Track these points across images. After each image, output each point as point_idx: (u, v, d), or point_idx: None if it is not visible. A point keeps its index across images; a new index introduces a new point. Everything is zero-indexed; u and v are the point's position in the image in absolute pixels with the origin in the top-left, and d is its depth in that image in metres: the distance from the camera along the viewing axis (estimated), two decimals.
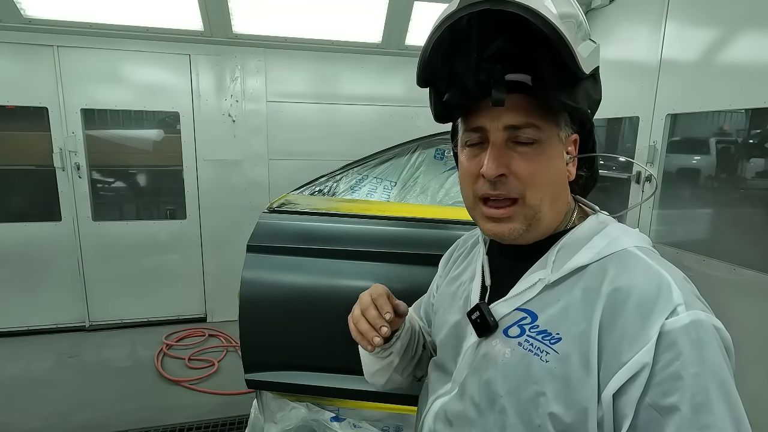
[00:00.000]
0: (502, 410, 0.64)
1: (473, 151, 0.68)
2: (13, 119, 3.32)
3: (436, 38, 0.62)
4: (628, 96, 3.12)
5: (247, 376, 1.47)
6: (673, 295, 0.56)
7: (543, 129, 0.64)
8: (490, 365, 0.68)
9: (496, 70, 0.59)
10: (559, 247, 0.67)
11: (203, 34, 3.29)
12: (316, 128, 3.70)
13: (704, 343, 0.53)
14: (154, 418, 2.45)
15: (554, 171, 0.66)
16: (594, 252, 0.64)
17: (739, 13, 2.37)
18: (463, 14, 0.58)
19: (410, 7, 3.25)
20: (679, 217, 2.91)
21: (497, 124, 0.64)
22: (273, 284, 1.48)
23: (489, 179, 0.64)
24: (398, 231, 1.55)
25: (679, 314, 0.55)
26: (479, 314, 0.70)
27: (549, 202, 0.66)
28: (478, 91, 0.61)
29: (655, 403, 0.53)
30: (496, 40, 0.59)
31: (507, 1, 0.55)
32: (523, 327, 0.66)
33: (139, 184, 3.73)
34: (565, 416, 0.58)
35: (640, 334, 0.54)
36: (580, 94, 0.64)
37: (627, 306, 0.57)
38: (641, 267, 0.60)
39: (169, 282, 3.65)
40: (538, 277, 0.67)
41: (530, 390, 0.61)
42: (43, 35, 3.11)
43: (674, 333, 0.54)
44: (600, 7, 3.38)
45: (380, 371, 0.88)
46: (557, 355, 0.60)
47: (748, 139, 2.65)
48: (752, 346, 2.32)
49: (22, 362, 3.01)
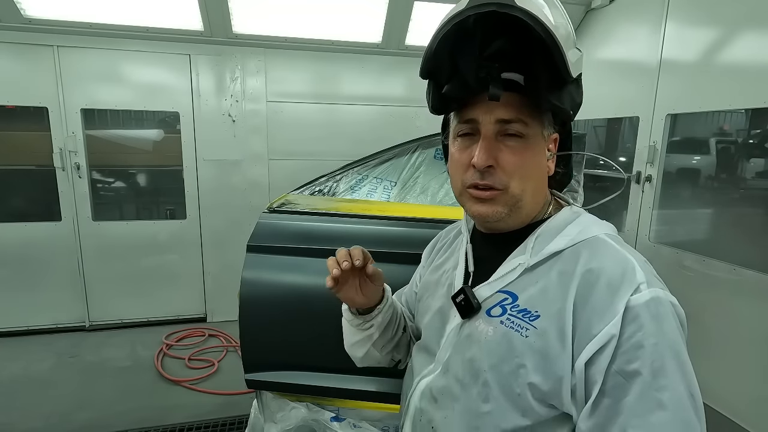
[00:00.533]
0: (485, 383, 0.71)
1: (464, 142, 0.74)
2: (13, 119, 3.32)
3: (443, 33, 0.67)
4: (628, 96, 3.12)
5: (247, 376, 1.47)
6: (637, 275, 0.64)
7: (530, 125, 0.71)
8: (473, 344, 0.74)
9: (494, 67, 0.65)
10: (537, 234, 0.74)
11: (203, 34, 3.29)
12: (316, 128, 3.70)
13: (662, 317, 0.61)
14: (154, 418, 2.45)
15: (536, 165, 0.73)
16: (568, 239, 0.72)
17: (739, 13, 2.37)
18: (471, 14, 0.63)
19: (410, 7, 3.26)
20: (679, 217, 2.91)
21: (489, 117, 0.70)
22: (273, 284, 1.48)
23: (479, 169, 0.71)
24: (398, 231, 1.55)
25: (641, 291, 0.62)
26: (464, 297, 0.76)
27: (530, 193, 0.73)
28: (477, 86, 0.67)
29: (621, 369, 0.60)
30: (497, 40, 0.65)
31: (512, 6, 0.62)
32: (504, 307, 0.73)
33: (139, 184, 3.73)
34: (542, 385, 0.65)
35: (609, 309, 0.62)
36: (566, 96, 0.70)
37: (598, 285, 0.64)
38: (610, 251, 0.68)
39: (169, 282, 3.65)
40: (519, 261, 0.74)
41: (512, 363, 0.68)
42: (43, 35, 3.11)
43: (637, 308, 0.61)
44: (600, 7, 3.38)
45: (360, 342, 0.93)
46: (536, 330, 0.67)
47: (748, 139, 2.65)
48: (752, 346, 2.32)
49: (22, 362, 3.01)
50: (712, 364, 2.52)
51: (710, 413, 2.50)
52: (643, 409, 0.59)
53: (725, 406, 2.46)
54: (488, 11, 0.62)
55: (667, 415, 0.58)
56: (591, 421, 0.62)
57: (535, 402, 0.66)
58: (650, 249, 2.91)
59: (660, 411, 0.58)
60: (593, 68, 3.54)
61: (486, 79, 0.66)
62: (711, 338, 2.53)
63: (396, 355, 1.00)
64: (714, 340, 2.51)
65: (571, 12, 3.58)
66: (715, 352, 2.52)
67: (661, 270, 0.70)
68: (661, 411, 0.58)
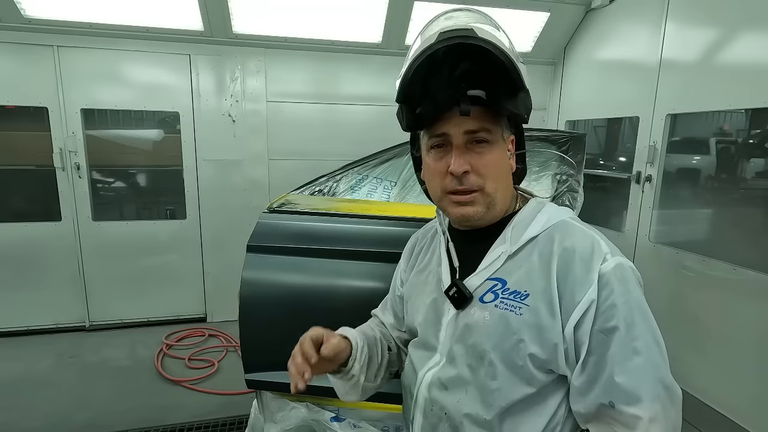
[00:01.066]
0: (490, 363, 0.80)
1: (439, 153, 0.84)
2: (13, 119, 3.32)
3: (417, 65, 0.77)
4: (628, 96, 3.12)
5: (247, 376, 1.47)
6: (602, 248, 0.77)
7: (492, 131, 0.82)
8: (473, 330, 0.83)
9: (461, 87, 0.77)
10: (513, 225, 0.86)
11: (203, 34, 3.29)
12: (316, 128, 3.70)
13: (627, 280, 0.74)
14: (154, 418, 2.45)
15: (503, 165, 0.85)
16: (540, 225, 0.83)
17: (739, 14, 2.37)
18: (441, 47, 0.75)
19: (410, 7, 3.26)
20: (679, 217, 2.91)
21: (459, 130, 0.81)
22: (273, 284, 1.48)
23: (456, 175, 0.81)
24: (398, 231, 1.55)
25: (608, 260, 0.75)
26: (456, 290, 0.85)
27: (501, 191, 0.85)
28: (448, 104, 0.78)
29: (602, 327, 0.73)
30: (462, 64, 0.77)
31: (475, 37, 0.74)
32: (496, 292, 0.82)
33: (139, 184, 3.73)
34: (540, 354, 0.76)
35: (586, 278, 0.74)
36: (521, 103, 0.81)
37: (574, 260, 0.76)
38: (577, 232, 0.80)
39: (169, 282, 3.65)
40: (501, 250, 0.84)
41: (511, 339, 0.78)
42: (43, 35, 3.11)
43: (607, 275, 0.74)
44: (600, 7, 3.38)
45: (350, 391, 0.99)
46: (528, 307, 0.78)
47: (748, 139, 2.65)
48: (752, 345, 2.32)
49: (22, 362, 3.01)
50: (712, 363, 2.53)
51: (710, 413, 2.50)
52: (622, 357, 0.71)
53: (725, 405, 2.46)
54: (455, 44, 0.74)
55: (641, 359, 0.71)
56: (583, 377, 0.75)
57: (536, 370, 0.77)
58: (650, 249, 2.91)
59: (636, 357, 0.71)
60: (593, 68, 3.54)
61: (455, 97, 0.77)
62: (711, 338, 2.53)
63: (391, 369, 1.08)
64: (714, 339, 2.51)
65: (571, 12, 3.60)
66: (714, 352, 2.52)
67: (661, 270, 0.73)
68: (637, 356, 0.71)
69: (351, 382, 0.96)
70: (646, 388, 0.70)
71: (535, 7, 3.41)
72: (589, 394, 0.74)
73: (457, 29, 0.75)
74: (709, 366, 2.53)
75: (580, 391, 0.75)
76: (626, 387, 0.70)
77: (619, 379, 0.71)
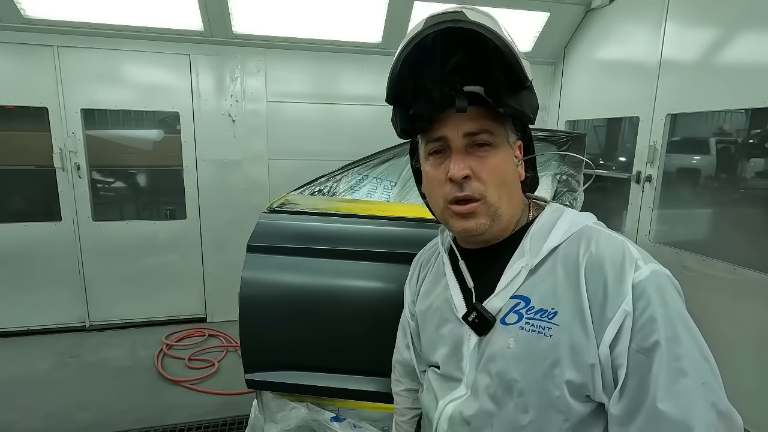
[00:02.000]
0: (520, 393, 0.70)
1: (437, 159, 0.77)
2: (13, 119, 3.32)
3: (405, 55, 0.71)
4: (628, 96, 3.12)
5: (247, 376, 1.47)
6: (633, 254, 0.67)
7: (495, 134, 0.75)
8: (498, 357, 0.73)
9: (456, 81, 0.70)
10: (530, 236, 0.76)
11: (203, 34, 3.29)
12: (316, 128, 3.69)
13: (664, 289, 0.65)
14: (154, 418, 2.45)
15: (508, 172, 0.76)
16: (561, 232, 0.74)
17: (739, 13, 2.37)
18: (429, 32, 0.68)
19: (410, 7, 3.26)
20: (679, 217, 2.91)
21: (457, 132, 0.74)
22: (273, 284, 1.48)
23: (456, 180, 0.73)
24: (398, 231, 1.55)
25: (641, 268, 0.65)
26: (477, 314, 0.76)
27: (506, 200, 0.76)
28: (442, 101, 0.71)
29: (640, 346, 0.63)
30: (455, 55, 0.69)
31: (465, 20, 0.67)
32: (519, 312, 0.73)
33: (139, 184, 3.73)
34: (577, 379, 0.66)
35: (618, 289, 0.65)
36: (524, 101, 0.73)
37: (604, 269, 0.67)
38: (603, 237, 0.71)
39: (169, 282, 3.65)
40: (521, 265, 0.74)
41: (544, 365, 0.68)
42: (43, 35, 3.11)
43: (642, 284, 0.64)
44: (600, 7, 3.38)
45: None
46: (558, 327, 0.68)
47: (748, 139, 2.65)
48: (752, 346, 2.32)
49: (22, 362, 3.01)
50: None
51: None
52: (666, 380, 0.61)
53: None
54: (444, 28, 0.67)
55: (688, 381, 0.61)
56: (621, 404, 0.64)
57: (572, 399, 0.67)
58: (650, 249, 2.91)
59: (682, 378, 0.61)
60: (593, 68, 3.54)
61: (450, 93, 0.70)
62: (711, 338, 2.52)
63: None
64: (714, 339, 2.51)
65: (571, 12, 3.60)
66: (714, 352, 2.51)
67: None
68: (683, 378, 0.61)
69: None
70: (698, 416, 0.59)
71: (535, 7, 3.41)
72: (631, 425, 0.63)
73: (445, 12, 0.69)
74: None
75: (620, 420, 0.64)
76: (673, 416, 0.60)
77: (664, 407, 0.60)
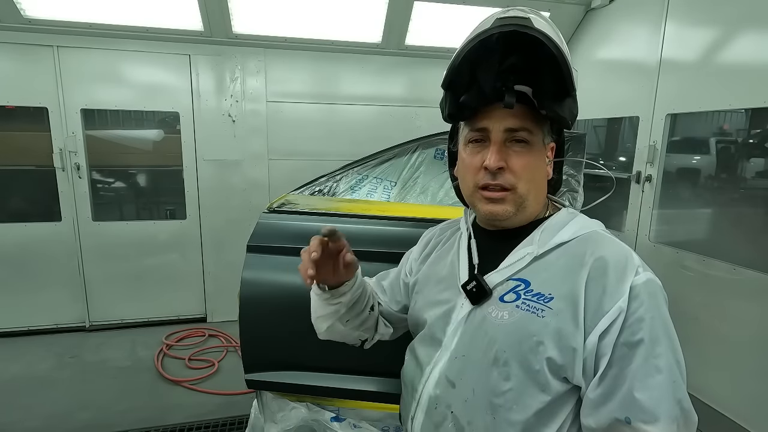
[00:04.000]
0: (505, 363, 0.78)
1: (476, 147, 0.84)
2: (13, 119, 3.32)
3: (469, 48, 0.77)
4: (628, 96, 3.12)
5: (247, 376, 1.47)
6: (635, 260, 0.76)
7: (533, 133, 0.81)
8: (489, 328, 0.81)
9: (509, 79, 0.76)
10: (542, 229, 0.84)
11: (203, 34, 3.29)
12: (316, 128, 3.69)
13: (655, 296, 0.73)
14: (154, 418, 2.45)
15: (539, 169, 0.84)
16: (571, 231, 0.83)
17: (739, 13, 2.36)
18: (496, 32, 0.74)
19: (410, 7, 3.25)
20: (679, 216, 2.91)
21: (499, 126, 0.80)
22: (273, 284, 1.48)
23: (491, 170, 0.80)
24: (398, 231, 1.55)
25: (640, 274, 0.74)
26: (476, 284, 0.84)
27: (534, 194, 0.83)
28: (492, 96, 0.77)
29: (626, 341, 0.71)
30: (512, 56, 0.76)
31: (531, 27, 0.73)
32: (518, 293, 0.81)
33: (139, 184, 3.73)
34: (558, 359, 0.74)
35: (618, 289, 0.73)
36: (566, 107, 0.80)
37: (608, 270, 0.75)
38: (610, 243, 0.80)
39: (169, 282, 3.65)
40: (527, 251, 0.83)
41: (531, 341, 0.76)
42: (43, 35, 3.11)
43: (638, 288, 0.73)
44: (600, 7, 3.38)
45: (325, 316, 0.98)
46: (551, 311, 0.76)
47: (748, 139, 2.65)
48: (752, 346, 2.32)
49: (22, 362, 3.01)
50: (712, 363, 2.52)
51: (710, 412, 2.49)
52: (644, 374, 0.70)
53: (725, 405, 2.46)
54: (510, 30, 0.73)
55: (662, 378, 0.69)
56: (599, 389, 0.72)
57: (551, 376, 0.75)
58: (650, 249, 2.91)
59: (657, 374, 0.69)
60: (593, 68, 3.54)
61: (501, 89, 0.76)
62: (711, 338, 2.53)
63: (363, 334, 1.06)
64: (714, 339, 2.51)
65: (571, 12, 3.60)
66: (714, 352, 2.52)
67: (661, 270, 0.73)
68: (658, 374, 0.69)
69: (333, 308, 0.95)
70: (665, 408, 0.68)
71: (535, 6, 3.39)
72: (604, 407, 0.72)
73: (515, 17, 0.75)
74: (708, 366, 2.53)
75: (594, 404, 0.73)
76: (645, 404, 0.68)
77: (639, 395, 0.69)
